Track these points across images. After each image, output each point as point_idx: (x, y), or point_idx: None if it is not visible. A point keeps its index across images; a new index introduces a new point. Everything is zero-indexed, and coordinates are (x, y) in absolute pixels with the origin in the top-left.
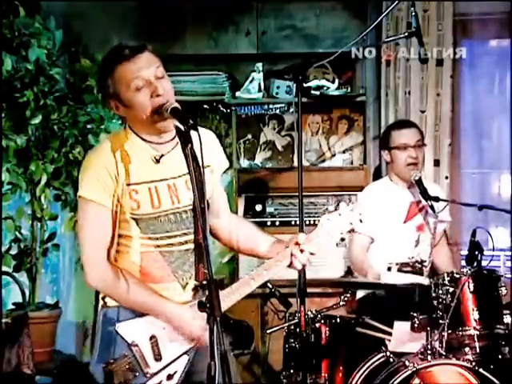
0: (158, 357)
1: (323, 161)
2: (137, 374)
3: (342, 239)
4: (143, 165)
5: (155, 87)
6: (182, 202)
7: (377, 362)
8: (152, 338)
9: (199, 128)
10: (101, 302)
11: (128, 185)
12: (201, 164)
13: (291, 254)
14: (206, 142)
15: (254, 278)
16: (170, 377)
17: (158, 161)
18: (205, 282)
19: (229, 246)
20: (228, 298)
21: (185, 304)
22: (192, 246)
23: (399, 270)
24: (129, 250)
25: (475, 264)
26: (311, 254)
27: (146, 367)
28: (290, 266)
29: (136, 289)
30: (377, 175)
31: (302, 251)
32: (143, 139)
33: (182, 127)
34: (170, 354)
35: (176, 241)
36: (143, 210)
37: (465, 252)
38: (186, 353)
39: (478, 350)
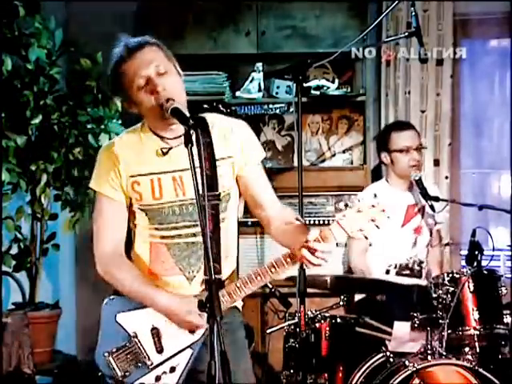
0: (159, 349)
1: (323, 161)
2: (139, 364)
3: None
4: (147, 157)
5: (155, 84)
6: (188, 195)
7: (377, 362)
8: (153, 329)
9: (233, 119)
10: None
11: (131, 176)
12: (204, 158)
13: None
14: (231, 132)
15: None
16: (172, 369)
17: (165, 153)
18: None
19: (277, 241)
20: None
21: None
22: (201, 238)
23: (398, 274)
24: (137, 239)
25: (475, 264)
26: (324, 253)
27: (147, 358)
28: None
29: (136, 280)
30: (376, 175)
31: (311, 250)
32: (156, 134)
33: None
34: (173, 346)
35: (182, 232)
36: (145, 201)
37: (465, 252)
38: (189, 346)
39: (478, 350)
